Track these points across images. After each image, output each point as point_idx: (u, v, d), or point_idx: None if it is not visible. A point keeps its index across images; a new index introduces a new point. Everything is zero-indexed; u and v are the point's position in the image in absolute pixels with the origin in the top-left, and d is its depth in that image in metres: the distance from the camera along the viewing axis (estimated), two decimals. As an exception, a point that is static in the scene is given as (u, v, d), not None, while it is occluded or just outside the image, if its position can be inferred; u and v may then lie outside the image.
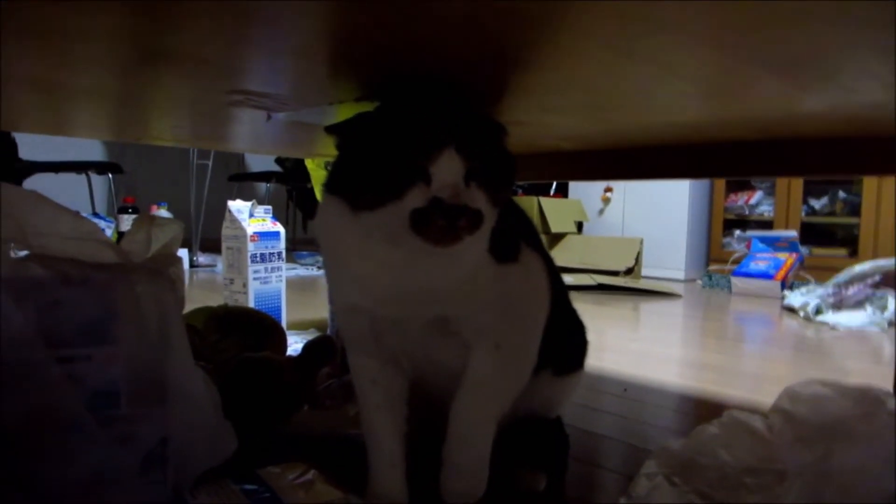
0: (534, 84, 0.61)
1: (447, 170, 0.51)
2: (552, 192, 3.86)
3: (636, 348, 1.67)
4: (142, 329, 0.59)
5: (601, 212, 3.88)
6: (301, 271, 3.22)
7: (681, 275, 3.53)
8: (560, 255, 3.03)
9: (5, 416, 0.52)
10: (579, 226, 3.67)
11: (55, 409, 0.54)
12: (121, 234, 3.07)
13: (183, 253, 3.22)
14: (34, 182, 3.10)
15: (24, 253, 0.58)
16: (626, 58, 0.50)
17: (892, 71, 0.50)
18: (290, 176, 3.86)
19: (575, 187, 3.95)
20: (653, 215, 3.63)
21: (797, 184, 3.47)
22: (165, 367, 0.59)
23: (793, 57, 0.49)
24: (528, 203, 3.23)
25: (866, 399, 0.69)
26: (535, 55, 0.51)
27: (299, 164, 3.46)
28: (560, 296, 0.74)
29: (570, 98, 0.65)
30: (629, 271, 3.04)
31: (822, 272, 2.86)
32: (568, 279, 0.76)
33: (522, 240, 0.67)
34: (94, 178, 3.49)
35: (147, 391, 0.58)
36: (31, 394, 0.53)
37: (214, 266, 3.25)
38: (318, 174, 1.80)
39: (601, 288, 2.76)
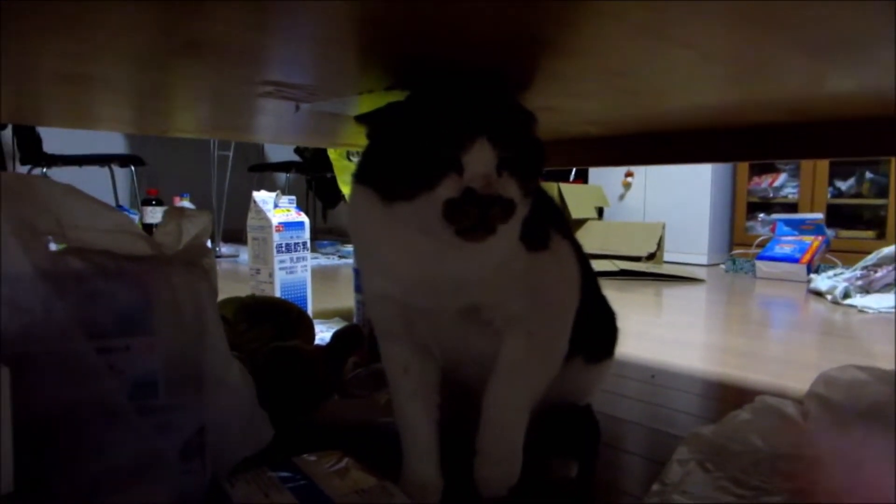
0: (564, 70, 0.60)
1: (480, 160, 0.51)
2: (572, 178, 3.83)
3: (660, 334, 1.66)
4: (178, 319, 0.59)
5: (622, 197, 3.84)
6: (322, 261, 3.24)
7: (704, 259, 3.49)
8: (581, 241, 3.00)
9: (49, 405, 0.53)
10: (600, 211, 3.64)
11: (96, 398, 0.55)
12: (145, 226, 3.10)
13: (206, 244, 3.25)
14: (57, 175, 3.14)
15: (61, 246, 0.59)
16: (659, 42, 0.49)
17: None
18: (310, 166, 3.88)
19: (595, 172, 3.91)
20: (675, 199, 3.59)
21: (823, 165, 3.41)
22: (202, 356, 0.60)
23: (825, 36, 0.48)
24: (547, 189, 3.21)
25: (904, 384, 0.68)
26: (566, 41, 0.50)
27: (319, 153, 3.47)
28: (590, 283, 0.74)
29: (601, 83, 0.64)
30: (651, 256, 3.02)
31: (848, 255, 2.82)
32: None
33: (552, 227, 0.67)
34: (117, 170, 3.53)
35: (184, 381, 0.59)
36: (73, 384, 0.54)
37: (237, 256, 3.28)
38: (340, 164, 1.80)
39: (623, 274, 2.74)
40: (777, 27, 0.45)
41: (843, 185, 3.47)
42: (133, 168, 3.44)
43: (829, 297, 2.19)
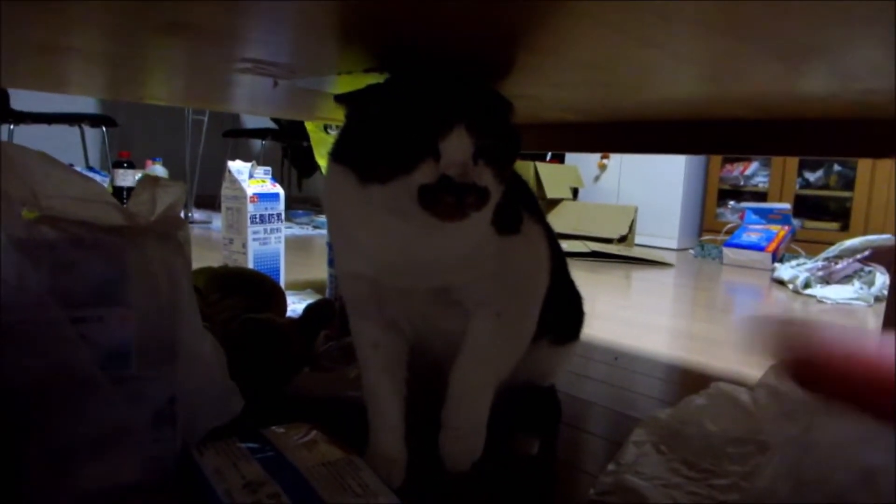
0: (541, 63, 0.61)
1: (457, 148, 0.52)
2: (548, 158, 3.85)
3: (626, 316, 1.70)
4: (152, 291, 0.60)
5: (597, 178, 3.88)
6: (297, 230, 3.22)
7: (674, 244, 3.56)
8: (555, 221, 3.02)
9: (21, 374, 0.54)
10: (575, 192, 3.68)
11: (69, 367, 0.55)
12: (116, 189, 3.05)
13: (178, 209, 3.20)
14: (25, 133, 3.05)
15: (33, 214, 0.58)
16: (632, 42, 0.50)
17: (892, 60, 0.51)
18: (286, 133, 3.83)
19: (572, 154, 3.94)
20: (648, 183, 3.64)
21: (792, 157, 3.48)
22: (175, 328, 0.61)
23: (797, 45, 0.50)
24: (524, 168, 3.23)
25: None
26: (542, 38, 0.52)
27: (294, 121, 3.43)
28: (559, 267, 0.76)
29: (577, 76, 0.66)
30: (623, 239, 3.07)
31: (813, 245, 2.90)
32: (562, 246, 0.77)
33: (524, 211, 0.68)
34: (88, 130, 3.45)
35: (157, 352, 0.60)
36: (47, 353, 0.54)
37: (209, 223, 3.24)
38: (317, 136, 1.79)
39: (594, 255, 2.79)
40: (746, 33, 0.47)
41: (811, 177, 3.56)
42: (104, 129, 3.37)
43: (790, 286, 2.26)
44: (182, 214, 0.70)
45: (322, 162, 2.67)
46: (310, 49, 0.61)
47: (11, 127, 3.05)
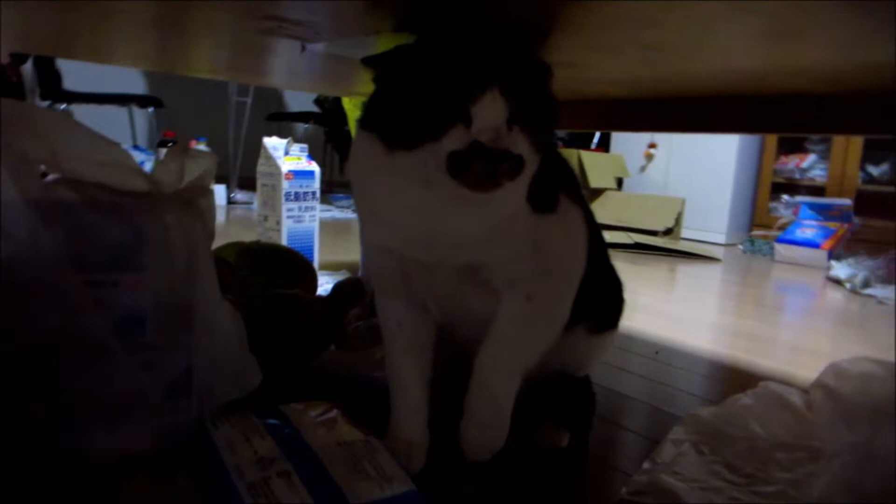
0: (585, 19, 0.56)
1: (490, 112, 0.48)
2: (594, 146, 3.76)
3: (670, 311, 1.64)
4: (170, 258, 0.58)
5: (643, 168, 3.77)
6: (336, 213, 3.23)
7: (722, 238, 3.43)
8: (597, 212, 2.94)
9: (34, 336, 0.53)
10: (619, 182, 3.58)
11: (83, 332, 0.54)
12: (161, 167, 3.10)
13: (220, 189, 3.25)
14: (76, 112, 3.13)
15: (53, 176, 0.57)
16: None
17: None
18: (329, 117, 3.84)
19: (617, 142, 3.84)
20: (697, 174, 3.51)
21: (855, 148, 3.29)
22: (192, 297, 0.59)
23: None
24: (568, 156, 3.15)
25: (918, 380, 0.65)
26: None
27: (338, 105, 3.43)
28: (599, 252, 0.71)
29: (624, 36, 0.60)
30: (668, 232, 2.97)
31: (875, 245, 2.74)
32: (604, 236, 0.74)
33: (563, 190, 0.64)
34: (136, 111, 3.52)
35: (173, 320, 0.58)
36: (60, 315, 0.53)
37: (251, 203, 3.27)
38: (355, 114, 1.77)
39: (638, 247, 2.71)
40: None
41: (875, 171, 3.36)
42: (152, 109, 3.43)
43: (848, 285, 2.15)
44: (224, 194, 0.68)
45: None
46: (334, 5, 0.58)
47: (63, 106, 3.13)
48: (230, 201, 3.33)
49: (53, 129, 0.57)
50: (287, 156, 1.38)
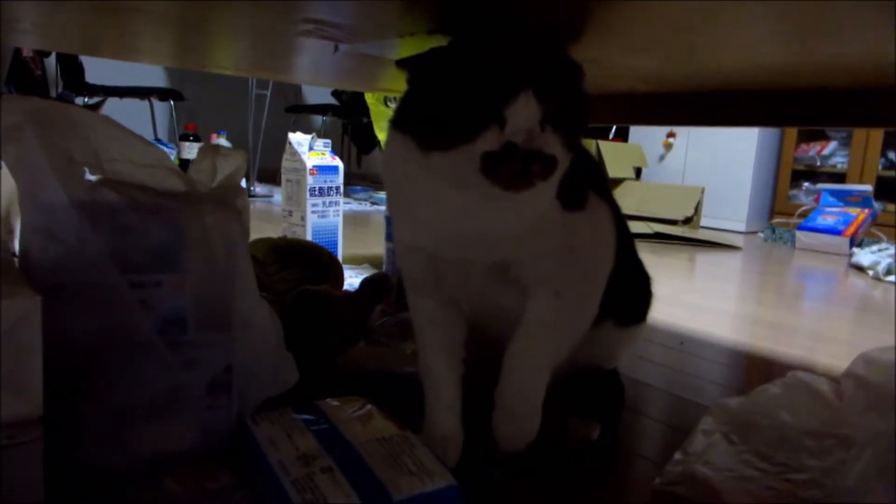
0: (618, 20, 0.56)
1: (523, 114, 0.49)
2: (612, 136, 3.74)
3: (691, 300, 1.64)
4: (209, 258, 0.59)
5: (662, 158, 3.74)
6: (355, 206, 3.24)
7: (742, 226, 3.41)
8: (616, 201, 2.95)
9: (80, 336, 0.54)
10: (638, 171, 3.56)
11: (127, 332, 0.55)
12: (182, 161, 3.13)
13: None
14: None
15: (96, 177, 0.58)
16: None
17: None
18: (347, 109, 3.85)
19: (635, 131, 3.81)
20: (716, 163, 3.48)
21: (876, 135, 3.25)
22: (231, 296, 0.60)
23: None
24: (586, 146, 3.13)
25: (949, 370, 0.65)
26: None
27: (356, 97, 3.43)
28: (627, 246, 0.72)
29: (656, 37, 0.61)
30: (687, 221, 2.95)
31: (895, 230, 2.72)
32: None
33: (591, 187, 0.65)
34: (156, 104, 3.55)
35: (213, 319, 0.60)
36: (104, 315, 0.55)
37: (271, 197, 3.30)
38: (377, 109, 1.78)
39: (657, 237, 2.70)
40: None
41: (896, 157, 3.32)
42: (172, 102, 3.46)
43: (871, 272, 2.13)
44: (244, 185, 0.69)
45: (381, 135, 2.67)
46: (372, 8, 0.58)
47: (86, 99, 3.17)
48: (250, 195, 3.36)
49: (95, 130, 0.58)
50: (311, 151, 1.39)
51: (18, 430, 0.46)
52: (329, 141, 1.45)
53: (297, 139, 1.39)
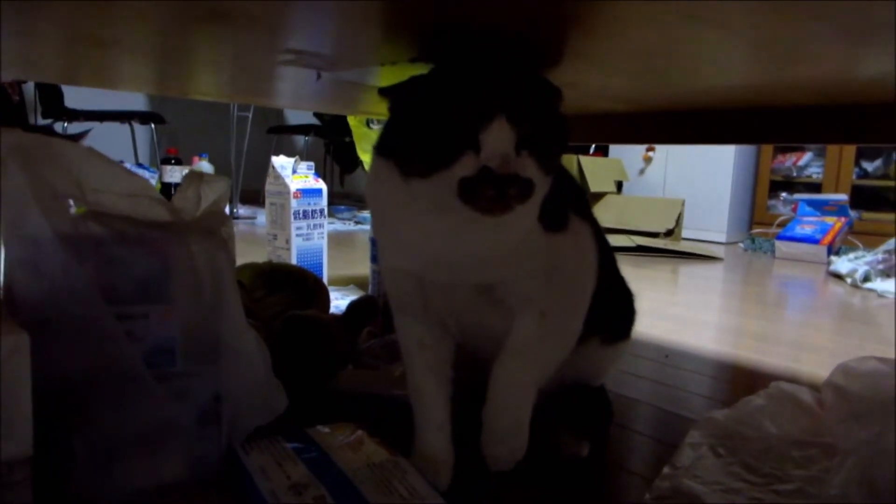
0: (595, 47, 0.58)
1: (498, 139, 0.50)
2: (592, 151, 3.78)
3: (675, 313, 1.65)
4: (196, 288, 0.60)
5: (642, 171, 3.79)
6: (339, 226, 3.24)
7: (722, 237, 3.45)
8: (598, 216, 2.97)
9: (67, 371, 0.54)
10: (619, 185, 3.60)
11: (114, 364, 0.55)
12: (164, 185, 3.12)
13: (223, 205, 3.26)
14: (78, 130, 3.15)
15: (80, 210, 0.58)
16: (690, 22, 0.47)
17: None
18: (329, 129, 3.86)
19: (615, 146, 3.86)
20: (695, 175, 3.53)
21: (849, 146, 3.33)
22: (219, 325, 0.61)
23: (862, 19, 0.46)
24: (567, 161, 3.17)
25: (925, 378, 0.67)
26: (595, 19, 0.49)
27: (338, 117, 3.44)
28: (609, 264, 0.73)
29: (632, 62, 0.62)
30: (669, 233, 2.99)
31: (872, 238, 2.77)
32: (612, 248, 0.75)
33: (572, 208, 0.66)
34: (137, 128, 3.54)
35: (201, 349, 0.60)
36: (92, 349, 0.55)
37: (254, 218, 3.29)
38: (359, 131, 1.79)
39: (640, 250, 2.72)
40: (814, 8, 0.43)
41: (869, 166, 3.40)
42: (153, 126, 3.44)
43: (848, 280, 2.17)
44: (227, 210, 0.69)
45: (364, 157, 2.67)
46: (353, 37, 0.60)
47: (65, 124, 3.15)
48: (233, 216, 3.35)
49: (78, 161, 0.58)
50: (295, 174, 1.40)
51: (8, 470, 0.45)
52: (312, 164, 1.46)
53: (281, 162, 1.40)
